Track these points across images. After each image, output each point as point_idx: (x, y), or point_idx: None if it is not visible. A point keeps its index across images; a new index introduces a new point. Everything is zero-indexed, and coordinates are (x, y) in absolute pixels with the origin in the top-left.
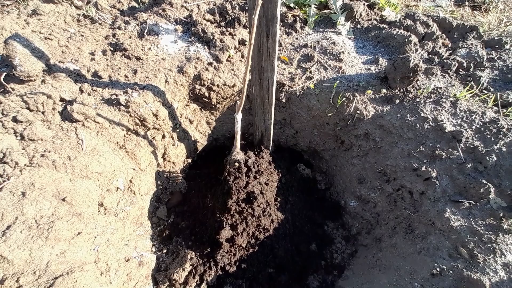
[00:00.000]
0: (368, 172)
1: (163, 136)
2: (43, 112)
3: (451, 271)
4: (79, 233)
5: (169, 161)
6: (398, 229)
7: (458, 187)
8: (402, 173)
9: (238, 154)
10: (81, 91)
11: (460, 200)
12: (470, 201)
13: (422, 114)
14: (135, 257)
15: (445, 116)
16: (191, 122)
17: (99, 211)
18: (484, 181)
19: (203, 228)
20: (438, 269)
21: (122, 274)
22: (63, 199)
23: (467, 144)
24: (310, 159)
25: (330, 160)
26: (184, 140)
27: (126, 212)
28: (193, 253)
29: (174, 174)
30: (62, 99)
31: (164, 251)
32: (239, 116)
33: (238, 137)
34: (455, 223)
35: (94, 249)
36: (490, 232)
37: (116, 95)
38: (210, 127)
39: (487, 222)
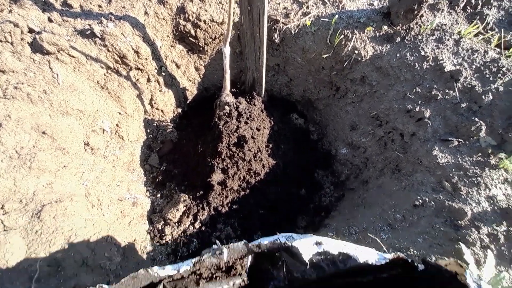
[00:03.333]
0: (361, 118)
1: (148, 80)
2: (11, 43)
3: (432, 202)
4: (64, 166)
5: (157, 109)
6: (386, 170)
7: (450, 127)
8: (395, 115)
9: (228, 96)
10: (50, 21)
11: (449, 139)
12: (460, 140)
13: (423, 53)
14: (128, 198)
15: (446, 54)
16: (178, 66)
17: (85, 150)
18: (476, 119)
19: (195, 174)
20: (420, 200)
21: (115, 210)
22: (44, 133)
23: (465, 84)
24: (304, 110)
25: (324, 109)
26: (171, 86)
27: (116, 156)
28: (186, 195)
29: (164, 123)
30: (30, 30)
31: (158, 195)
32: (227, 50)
33: (227, 76)
34: (442, 160)
35: (83, 184)
36: (476, 168)
37: (90, 25)
38: (199, 74)
39: (474, 159)
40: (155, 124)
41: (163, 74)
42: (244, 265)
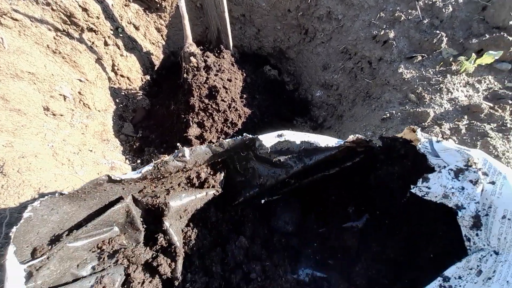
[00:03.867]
0: (332, 56)
1: (106, 43)
2: None
3: (399, 113)
4: (23, 126)
5: (122, 76)
6: (357, 99)
7: (414, 45)
8: (362, 44)
9: (191, 46)
10: None
11: (413, 55)
12: (423, 54)
13: None
14: (105, 163)
15: None
16: (136, 28)
17: (46, 115)
18: (437, 31)
19: (172, 134)
20: (387, 114)
21: (91, 171)
22: None
23: (426, 1)
24: (277, 62)
25: (296, 58)
26: (133, 50)
27: (85, 124)
28: (167, 156)
29: (132, 91)
30: None
31: (139, 161)
32: None
33: (186, 22)
34: (407, 75)
35: (48, 145)
36: (439, 76)
37: None
38: (162, 36)
39: (437, 69)
40: (123, 93)
41: (121, 36)
42: (218, 179)
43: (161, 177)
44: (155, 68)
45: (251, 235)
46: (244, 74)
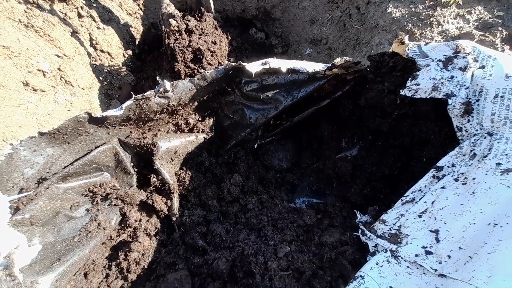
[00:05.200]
0: (318, 9)
1: (80, 15)
2: None
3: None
4: (4, 97)
5: (102, 51)
6: (347, 49)
7: None
8: None
9: (169, 6)
10: None
11: None
12: None
13: None
14: None
15: None
16: None
17: (26, 90)
18: None
19: None
20: None
21: None
22: None
23: None
24: (263, 25)
25: (282, 17)
26: (110, 22)
27: (70, 102)
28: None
29: (115, 67)
30: None
31: None
32: None
33: None
34: (397, 14)
35: (32, 118)
36: (429, 10)
37: None
38: (139, 6)
39: (427, 4)
40: (106, 70)
41: (95, 6)
42: (207, 125)
43: (146, 118)
44: (137, 43)
45: (246, 173)
46: (230, 38)
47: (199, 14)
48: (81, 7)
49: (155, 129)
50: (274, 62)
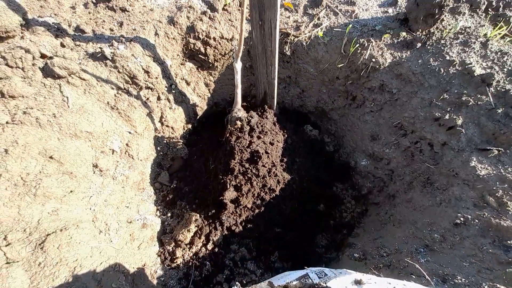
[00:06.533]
0: (382, 127)
1: (159, 98)
2: (22, 68)
3: (476, 220)
4: (71, 191)
5: (167, 126)
6: (415, 183)
7: (486, 134)
8: (421, 124)
9: (239, 111)
10: (63, 45)
11: (488, 148)
12: (500, 149)
13: (448, 58)
14: (138, 220)
15: (474, 58)
16: (188, 83)
17: (94, 172)
18: None
19: (207, 191)
20: (461, 219)
21: (124, 234)
22: (51, 157)
23: (498, 88)
24: (318, 120)
25: (339, 120)
26: (181, 103)
27: (126, 176)
28: (198, 215)
29: (174, 140)
30: (42, 55)
31: (169, 214)
32: (238, 65)
33: (238, 91)
34: (482, 171)
35: (90, 209)
36: None
37: (101, 48)
38: (209, 90)
39: None
40: (165, 141)
41: (173, 91)
42: None
43: None
44: (197, 117)
45: None
46: (286, 135)
47: (262, 110)
48: (162, 92)
49: None
50: (370, 284)
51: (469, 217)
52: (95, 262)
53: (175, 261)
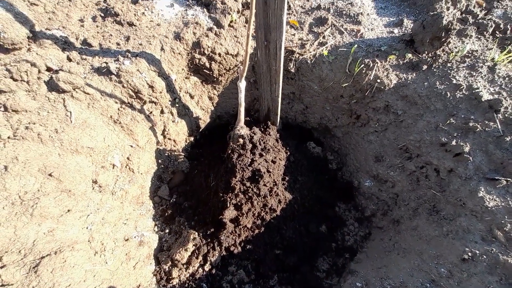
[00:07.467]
0: (387, 149)
1: (162, 111)
2: (27, 82)
3: (484, 256)
4: (68, 211)
5: (169, 139)
6: (421, 210)
7: (495, 163)
8: (427, 148)
9: (242, 129)
10: (69, 59)
11: (496, 177)
12: (508, 179)
13: (454, 81)
14: (135, 237)
15: (481, 83)
16: (191, 97)
17: (93, 189)
18: None
19: (206, 208)
20: (469, 254)
21: (120, 254)
22: (50, 174)
23: (506, 115)
24: (321, 137)
25: (342, 137)
26: (184, 116)
27: (125, 191)
28: (196, 233)
29: (175, 153)
30: (48, 68)
31: (167, 230)
32: (242, 85)
33: (242, 109)
34: (490, 203)
35: (87, 228)
36: None
37: (107, 63)
38: (212, 103)
39: None
40: (166, 154)
41: (177, 105)
42: None
43: None
44: (200, 130)
45: None
46: (288, 153)
47: (265, 126)
48: (166, 106)
49: None
50: None
51: (477, 252)
52: (88, 287)
53: (171, 281)
